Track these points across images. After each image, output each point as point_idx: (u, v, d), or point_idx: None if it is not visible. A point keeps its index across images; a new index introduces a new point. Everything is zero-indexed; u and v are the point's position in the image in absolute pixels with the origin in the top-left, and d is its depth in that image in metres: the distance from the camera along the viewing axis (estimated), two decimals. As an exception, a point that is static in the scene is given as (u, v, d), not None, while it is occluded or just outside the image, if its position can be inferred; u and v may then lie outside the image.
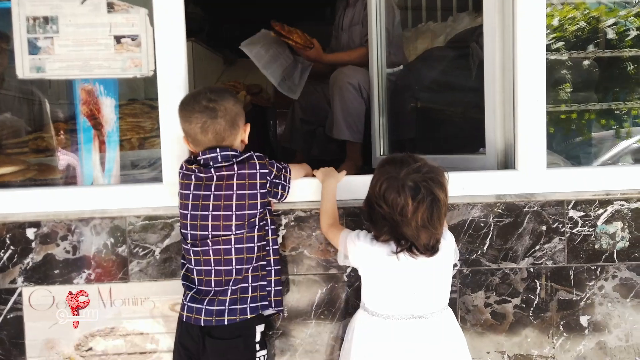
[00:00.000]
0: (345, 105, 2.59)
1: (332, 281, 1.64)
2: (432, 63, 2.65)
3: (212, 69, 4.69)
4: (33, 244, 1.63)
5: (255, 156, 1.43)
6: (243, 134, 1.48)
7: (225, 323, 1.37)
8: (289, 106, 3.25)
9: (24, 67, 1.64)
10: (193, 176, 1.42)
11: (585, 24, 2.93)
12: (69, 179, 2.02)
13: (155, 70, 1.64)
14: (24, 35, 1.62)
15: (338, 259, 1.48)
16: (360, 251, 1.36)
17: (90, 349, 1.65)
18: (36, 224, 1.63)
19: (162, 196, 1.64)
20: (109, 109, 2.34)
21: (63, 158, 2.19)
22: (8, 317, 1.63)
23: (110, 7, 1.63)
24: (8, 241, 1.62)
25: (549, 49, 2.78)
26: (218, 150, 1.40)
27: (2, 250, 1.62)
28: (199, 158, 1.42)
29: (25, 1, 1.62)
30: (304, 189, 1.62)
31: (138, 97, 2.34)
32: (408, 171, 1.26)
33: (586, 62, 2.88)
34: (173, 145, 1.64)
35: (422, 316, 1.34)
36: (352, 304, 1.64)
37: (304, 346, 1.66)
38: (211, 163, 1.40)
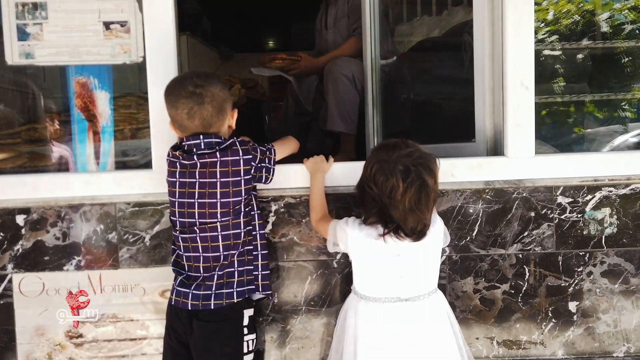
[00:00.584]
0: (339, 96, 2.59)
1: (322, 267, 1.65)
2: (425, 54, 2.66)
3: (208, 64, 4.69)
4: (23, 231, 1.63)
5: (238, 142, 1.41)
6: (230, 120, 1.46)
7: (212, 307, 1.38)
8: (283, 100, 3.26)
9: (13, 53, 1.63)
10: (178, 163, 1.41)
11: (580, 17, 2.95)
12: (62, 170, 2.03)
13: (144, 57, 1.64)
14: (13, 22, 1.62)
15: (328, 247, 1.49)
16: (349, 236, 1.38)
17: (80, 335, 1.65)
18: (26, 211, 1.63)
19: (152, 182, 1.64)
20: (103, 102, 2.34)
21: (56, 150, 2.20)
22: (-2, 303, 1.64)
23: (100, -7, 1.64)
24: (-2, 228, 1.63)
25: (543, 42, 2.79)
26: (201, 137, 1.38)
27: (-8, 237, 1.63)
28: (183, 144, 1.41)
29: (14, -13, 1.62)
30: (294, 175, 1.62)
31: (133, 91, 2.34)
32: (399, 155, 1.28)
33: (580, 55, 2.90)
34: (163, 131, 1.64)
35: (409, 299, 1.36)
36: (342, 290, 1.64)
37: (294, 332, 1.66)
38: (194, 150, 1.39)
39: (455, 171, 1.66)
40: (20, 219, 1.63)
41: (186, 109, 1.37)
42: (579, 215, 1.65)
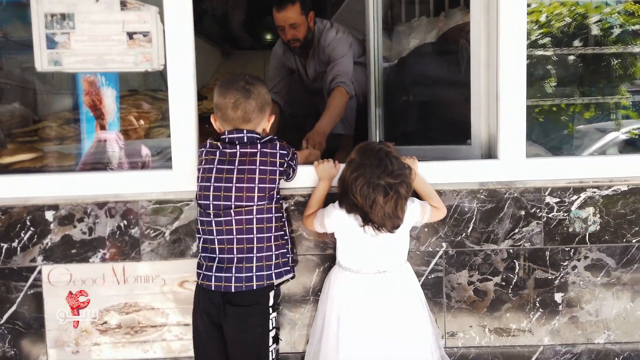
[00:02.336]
0: (337, 101, 2.72)
1: (329, 261, 1.78)
2: (423, 59, 2.78)
3: (210, 61, 4.79)
4: (51, 226, 1.75)
5: (276, 138, 1.59)
6: (266, 123, 1.62)
7: (254, 288, 1.53)
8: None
9: (42, 61, 1.75)
10: (218, 152, 1.56)
11: (572, 20, 3.08)
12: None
13: (165, 65, 1.76)
14: (42, 31, 1.73)
15: (315, 228, 1.68)
16: (337, 217, 1.60)
17: (105, 322, 1.79)
18: (54, 207, 1.75)
19: (172, 182, 1.77)
20: (110, 99, 2.45)
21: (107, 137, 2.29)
22: (29, 292, 1.76)
23: (123, 5, 1.75)
24: (28, 223, 1.75)
25: (535, 44, 2.92)
26: (245, 131, 1.55)
27: (23, 231, 1.75)
28: (223, 137, 1.56)
29: (43, -1, 1.73)
30: (304, 176, 1.75)
31: (138, 88, 2.44)
32: (383, 173, 1.49)
33: (571, 57, 3.03)
34: (183, 135, 1.76)
35: (386, 271, 1.60)
36: (347, 281, 1.78)
37: (303, 320, 1.80)
38: (237, 142, 1.55)
39: (453, 173, 1.79)
40: (49, 215, 1.75)
41: (233, 99, 1.54)
42: (565, 214, 1.80)
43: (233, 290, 1.52)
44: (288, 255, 1.61)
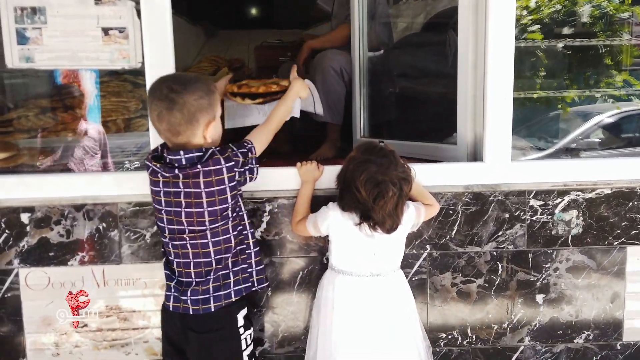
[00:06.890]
0: (326, 88, 2.67)
1: (313, 263, 1.77)
2: (410, 49, 2.73)
3: (193, 42, 4.66)
4: (28, 228, 1.71)
5: (218, 151, 1.39)
6: (205, 131, 1.39)
7: (212, 310, 1.42)
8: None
9: (13, 57, 1.67)
10: (160, 174, 1.39)
11: (561, 7, 3.05)
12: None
13: (143, 62, 1.69)
14: (12, 26, 1.65)
15: (309, 231, 1.64)
16: (331, 218, 1.57)
17: (85, 325, 1.76)
18: (30, 209, 1.70)
19: (152, 184, 1.72)
20: (89, 81, 2.37)
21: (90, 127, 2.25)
22: (6, 296, 1.72)
23: (98, -1, 1.67)
24: (3, 225, 1.70)
25: (525, 31, 2.89)
26: (182, 153, 1.36)
27: (-2, 234, 1.70)
28: (165, 156, 1.41)
29: (12, -9, 1.64)
30: (287, 179, 1.72)
31: (118, 71, 2.35)
32: (389, 169, 1.48)
33: (560, 45, 3.02)
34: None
35: (380, 274, 1.58)
36: (331, 284, 1.77)
37: (287, 322, 1.80)
38: (175, 164, 1.38)
39: (438, 175, 1.77)
40: (25, 217, 1.70)
41: (156, 111, 1.35)
42: (549, 217, 1.80)
43: (191, 313, 1.42)
44: (249, 270, 1.50)
